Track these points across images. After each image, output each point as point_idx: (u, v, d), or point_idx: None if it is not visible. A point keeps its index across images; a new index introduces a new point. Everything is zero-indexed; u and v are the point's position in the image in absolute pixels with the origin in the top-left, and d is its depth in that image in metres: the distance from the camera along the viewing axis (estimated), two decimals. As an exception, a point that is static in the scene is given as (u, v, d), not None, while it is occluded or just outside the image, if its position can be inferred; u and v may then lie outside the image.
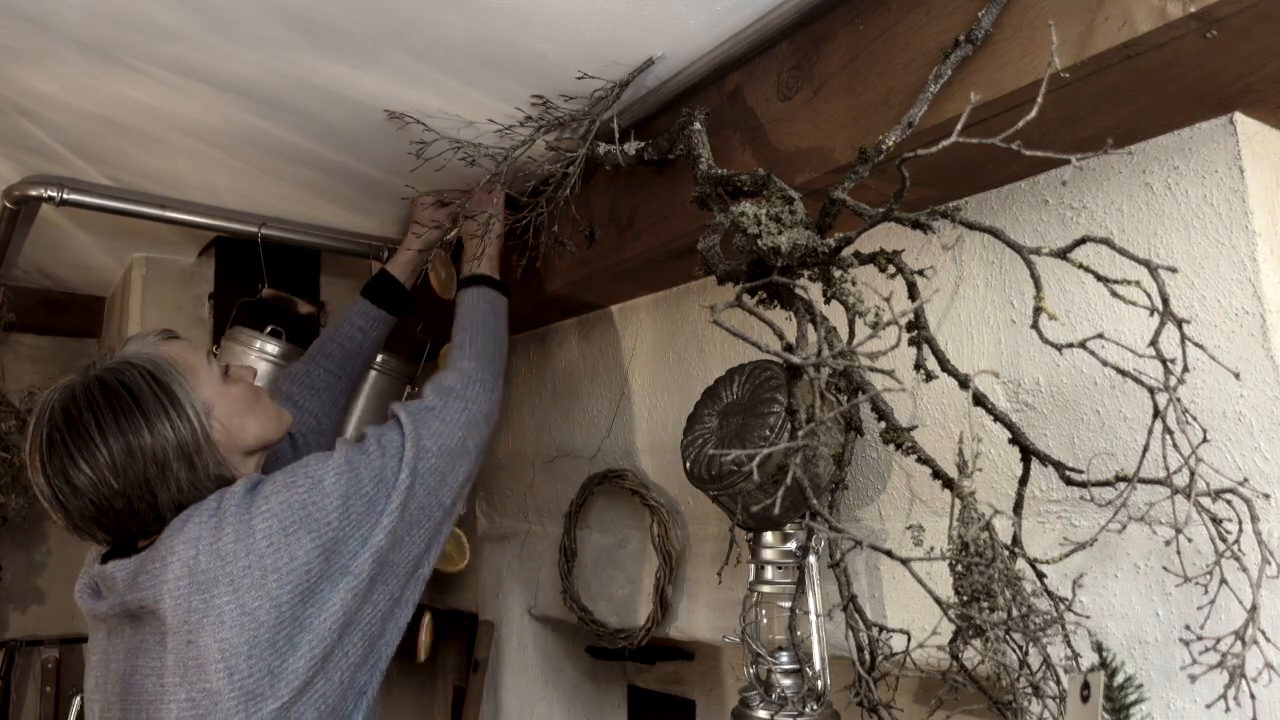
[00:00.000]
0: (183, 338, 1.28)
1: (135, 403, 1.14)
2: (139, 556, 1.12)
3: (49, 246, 2.23)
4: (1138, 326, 0.99)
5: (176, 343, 1.25)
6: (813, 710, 1.11)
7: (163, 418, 1.14)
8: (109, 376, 1.16)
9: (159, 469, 1.13)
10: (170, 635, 1.06)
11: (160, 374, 1.17)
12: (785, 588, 1.17)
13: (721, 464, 1.12)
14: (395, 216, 1.88)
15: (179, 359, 1.20)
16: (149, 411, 1.14)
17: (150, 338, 1.24)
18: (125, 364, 1.17)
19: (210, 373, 1.23)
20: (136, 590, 1.09)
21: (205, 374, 1.22)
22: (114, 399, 1.14)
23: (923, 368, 0.92)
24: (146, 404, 1.14)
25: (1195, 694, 0.91)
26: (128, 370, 1.16)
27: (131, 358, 1.19)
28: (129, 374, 1.16)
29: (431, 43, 1.20)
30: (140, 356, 1.19)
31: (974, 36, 0.94)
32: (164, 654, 1.06)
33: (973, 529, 0.85)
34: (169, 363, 1.19)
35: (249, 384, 1.30)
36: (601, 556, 1.78)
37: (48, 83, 1.34)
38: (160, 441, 1.14)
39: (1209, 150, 0.96)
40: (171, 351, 1.21)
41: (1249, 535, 0.81)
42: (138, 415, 1.14)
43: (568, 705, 2.05)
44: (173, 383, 1.17)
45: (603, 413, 1.78)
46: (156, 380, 1.16)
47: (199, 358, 1.24)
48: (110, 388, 1.14)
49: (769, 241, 0.99)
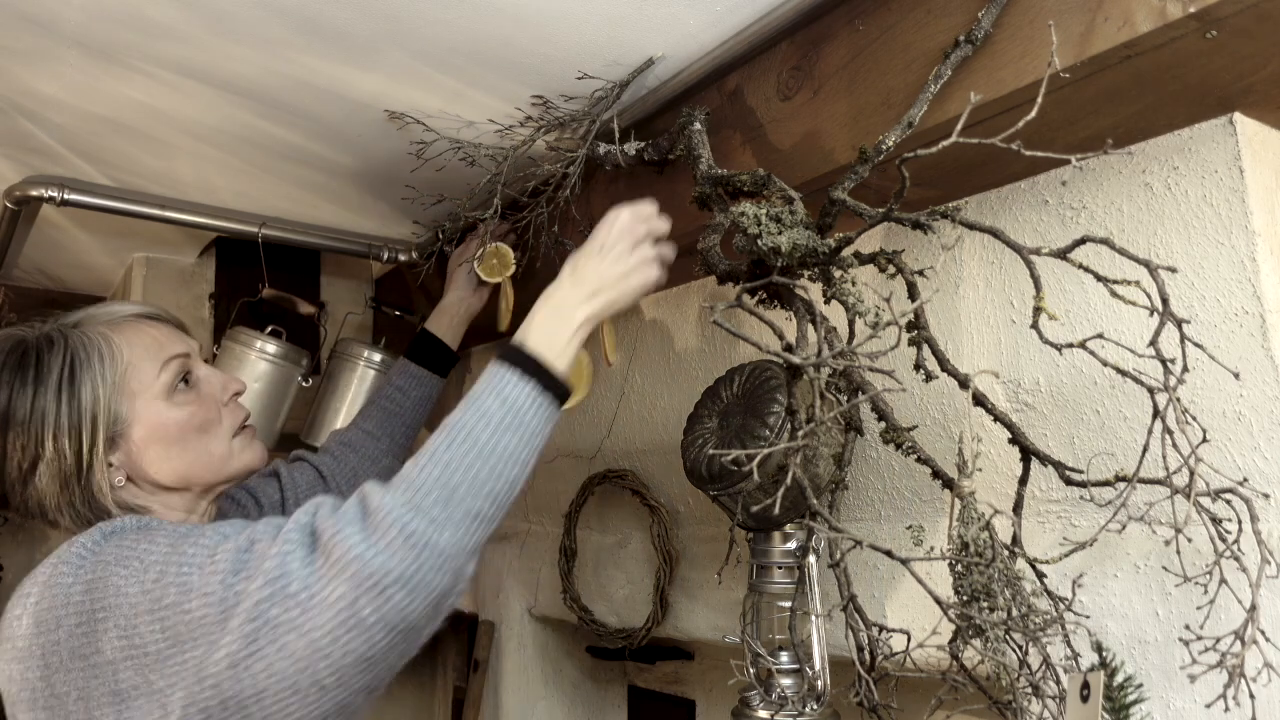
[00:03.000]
0: (165, 325, 1.10)
1: (35, 385, 0.99)
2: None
3: (49, 247, 2.23)
4: (1137, 326, 0.99)
5: (144, 330, 1.06)
6: (813, 710, 1.11)
7: (49, 417, 0.98)
8: (33, 343, 1.01)
9: (23, 469, 0.98)
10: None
11: (79, 365, 1.00)
12: (785, 588, 1.17)
13: (721, 464, 1.12)
14: (395, 216, 1.89)
15: (121, 353, 1.02)
16: (37, 403, 0.98)
17: (122, 310, 1.07)
18: (62, 336, 1.02)
19: (154, 382, 1.04)
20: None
21: (145, 383, 1.03)
22: (19, 372, 0.99)
23: (923, 368, 0.92)
24: (42, 392, 0.98)
25: (1195, 693, 0.91)
26: (58, 344, 1.01)
27: (76, 331, 1.03)
28: (53, 351, 1.00)
29: (431, 43, 1.20)
30: (81, 334, 1.02)
31: (974, 36, 0.94)
32: None
33: (972, 529, 0.85)
34: (104, 355, 1.01)
35: (208, 406, 1.09)
36: (601, 556, 1.78)
37: (48, 83, 1.34)
38: (35, 436, 0.97)
39: (1209, 150, 0.97)
40: (120, 341, 1.03)
41: (1248, 535, 0.81)
42: (28, 394, 0.98)
43: (568, 705, 2.05)
44: (86, 381, 1.00)
45: (603, 413, 1.78)
46: (72, 370, 0.99)
47: (151, 359, 1.05)
48: (25, 355, 1.00)
49: (769, 241, 1.00)
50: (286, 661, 0.79)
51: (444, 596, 0.84)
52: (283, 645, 0.79)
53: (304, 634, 0.79)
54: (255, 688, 0.80)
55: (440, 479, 0.86)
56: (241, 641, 0.80)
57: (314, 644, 0.80)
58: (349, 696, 0.83)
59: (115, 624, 0.85)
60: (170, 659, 0.82)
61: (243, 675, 0.80)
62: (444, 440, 0.89)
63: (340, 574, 0.80)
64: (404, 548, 0.81)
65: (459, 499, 0.85)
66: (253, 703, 0.80)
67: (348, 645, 0.80)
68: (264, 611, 0.80)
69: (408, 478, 0.86)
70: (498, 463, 0.88)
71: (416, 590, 0.82)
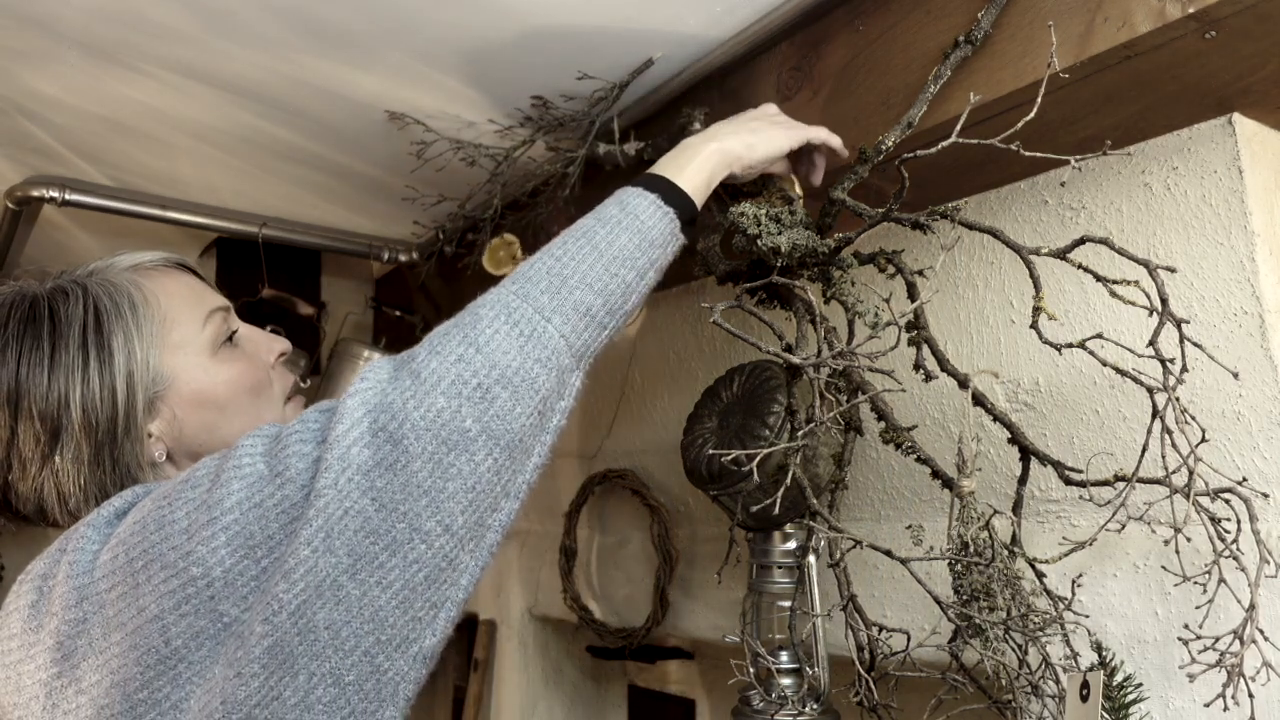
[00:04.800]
0: (195, 277, 0.95)
1: (51, 343, 0.83)
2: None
3: (51, 247, 2.23)
4: (1137, 326, 0.99)
5: (178, 278, 0.93)
6: (813, 710, 1.11)
7: (76, 375, 0.82)
8: (45, 296, 0.86)
9: (41, 444, 0.82)
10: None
11: (108, 314, 0.85)
12: (785, 588, 1.17)
13: (721, 464, 1.12)
14: (395, 216, 1.89)
15: (156, 302, 0.88)
16: (59, 360, 0.83)
17: (150, 258, 0.93)
18: (79, 287, 0.87)
19: (198, 335, 0.90)
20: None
21: (188, 336, 0.89)
22: (29, 329, 0.84)
23: (922, 368, 0.92)
24: (63, 349, 0.83)
25: (1194, 693, 0.91)
26: (74, 296, 0.86)
27: (96, 280, 0.88)
28: (70, 302, 0.85)
29: (431, 43, 1.20)
30: (104, 282, 0.88)
31: (974, 37, 0.94)
32: None
33: (972, 528, 0.85)
34: (136, 303, 0.87)
35: (258, 367, 0.95)
36: (601, 556, 1.78)
37: (49, 83, 1.34)
38: (57, 404, 0.82)
39: (1208, 151, 0.97)
40: (153, 289, 0.89)
41: (1247, 535, 0.82)
42: (44, 360, 0.83)
43: (568, 705, 2.05)
44: (117, 332, 0.85)
45: (603, 413, 1.78)
46: (97, 321, 0.84)
47: (192, 310, 0.91)
48: (35, 314, 0.85)
49: (769, 242, 1.00)
50: (382, 512, 0.67)
51: (547, 400, 0.74)
52: (378, 491, 0.67)
53: (400, 470, 0.68)
54: (351, 556, 0.67)
55: (550, 269, 0.77)
56: (333, 502, 0.67)
57: (412, 478, 0.68)
58: (452, 549, 0.69)
59: (162, 564, 0.69)
60: (244, 574, 0.68)
61: (337, 545, 0.66)
62: (559, 240, 0.81)
63: (437, 385, 0.69)
64: (508, 336, 0.72)
65: (569, 289, 0.77)
66: (347, 578, 0.66)
67: (449, 469, 0.68)
68: (353, 458, 0.67)
69: (516, 274, 0.78)
70: (611, 262, 0.80)
71: (521, 388, 0.71)
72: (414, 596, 0.69)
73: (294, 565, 0.66)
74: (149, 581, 0.69)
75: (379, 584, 0.67)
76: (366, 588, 0.67)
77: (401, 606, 0.68)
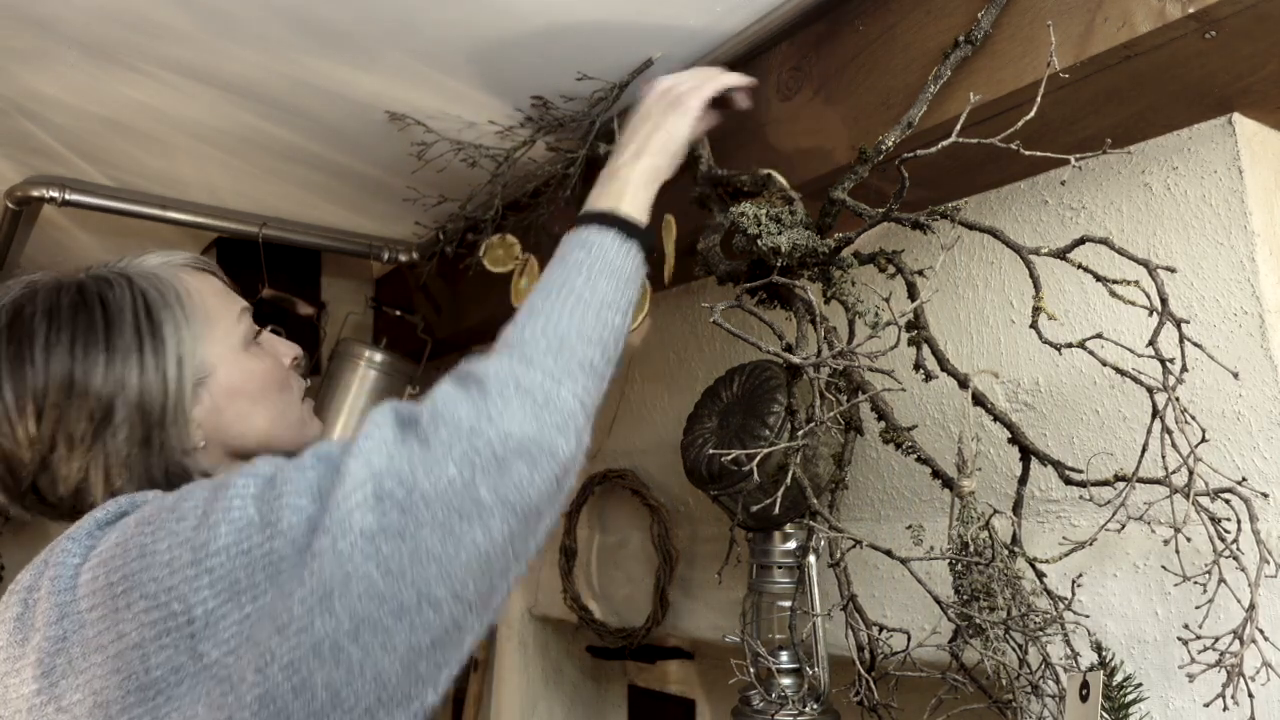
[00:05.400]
0: (220, 278, 0.99)
1: (106, 327, 0.85)
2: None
3: (51, 247, 2.23)
4: (1137, 326, 0.99)
5: (207, 278, 0.96)
6: (813, 709, 1.12)
7: (132, 359, 0.85)
8: (92, 285, 0.88)
9: (95, 425, 0.83)
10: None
11: (156, 303, 0.88)
12: (785, 587, 1.17)
13: (721, 464, 1.12)
14: (395, 216, 1.89)
15: (197, 297, 0.92)
16: (116, 344, 0.85)
17: (179, 257, 0.96)
18: (122, 277, 0.89)
19: (232, 330, 0.94)
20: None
21: (224, 329, 0.93)
22: (81, 314, 0.86)
23: (922, 368, 0.92)
24: (118, 333, 0.85)
25: (1194, 693, 0.91)
26: (120, 285, 0.88)
27: (135, 272, 0.91)
28: (118, 290, 0.88)
29: (432, 43, 1.20)
30: (146, 274, 0.91)
31: (974, 37, 0.94)
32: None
33: (972, 528, 0.85)
34: (180, 295, 0.90)
35: (281, 366, 0.99)
36: (601, 556, 1.78)
37: (49, 83, 1.34)
38: (112, 387, 0.84)
39: (1208, 151, 0.97)
40: (193, 285, 0.93)
41: (1247, 535, 0.82)
42: (100, 343, 0.85)
43: (568, 705, 2.05)
44: (167, 320, 0.88)
45: (603, 413, 1.78)
46: (148, 308, 0.87)
47: (226, 307, 0.95)
48: (85, 299, 0.87)
49: (769, 242, 1.00)
50: (389, 578, 0.65)
51: (566, 467, 0.73)
52: (384, 558, 0.65)
53: (408, 538, 0.66)
54: (354, 620, 0.65)
55: (546, 330, 0.77)
56: (332, 565, 0.65)
57: (421, 545, 0.66)
58: (461, 614, 0.68)
59: (142, 594, 0.69)
60: (226, 617, 0.67)
61: (337, 608, 0.65)
62: (539, 298, 0.80)
63: (448, 454, 0.68)
64: (522, 407, 0.71)
65: (570, 348, 0.77)
66: (349, 641, 0.65)
67: (462, 538, 0.67)
68: (355, 522, 0.66)
69: (509, 341, 0.76)
70: (600, 309, 0.81)
71: (539, 458, 0.70)
72: (419, 659, 0.67)
73: (287, 621, 0.65)
74: (129, 609, 0.69)
75: (383, 647, 0.66)
76: (369, 650, 0.66)
77: (406, 668, 0.67)
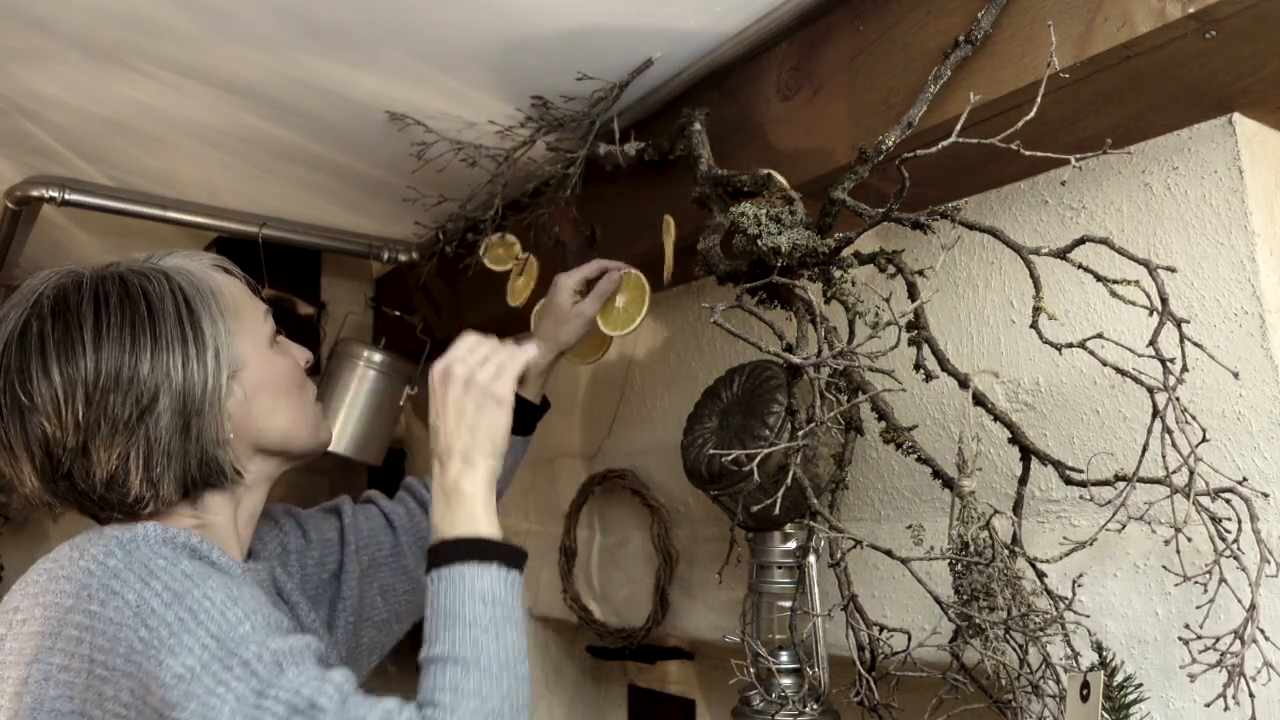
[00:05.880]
0: (243, 280, 1.02)
1: (150, 319, 0.88)
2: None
3: (50, 247, 2.23)
4: (1137, 326, 0.99)
5: (233, 279, 1.00)
6: (813, 710, 1.12)
7: (176, 350, 0.88)
8: (134, 279, 0.91)
9: (140, 411, 0.86)
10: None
11: (195, 299, 0.92)
12: (785, 588, 1.17)
13: (721, 464, 1.12)
14: (395, 216, 1.89)
15: (229, 295, 0.96)
16: (161, 335, 0.88)
17: (203, 258, 0.98)
18: (159, 273, 0.92)
19: (259, 328, 0.98)
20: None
21: (253, 326, 0.97)
22: (127, 305, 0.89)
23: (922, 368, 0.92)
24: (163, 326, 0.89)
25: (1194, 693, 0.91)
26: (158, 279, 0.91)
27: (171, 269, 0.94)
28: (157, 284, 0.91)
29: (432, 43, 1.20)
30: (182, 272, 0.94)
31: (974, 37, 0.94)
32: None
33: (972, 528, 0.85)
34: (214, 291, 0.94)
35: (299, 367, 1.03)
36: (601, 556, 1.78)
37: (49, 83, 1.34)
38: (159, 377, 0.87)
39: (1208, 151, 0.97)
40: (224, 284, 0.97)
41: (1248, 534, 0.82)
42: (146, 334, 0.88)
43: (568, 705, 2.05)
44: (204, 315, 0.91)
45: (603, 413, 1.78)
46: (188, 304, 0.91)
47: (254, 305, 0.99)
48: (130, 292, 0.90)
49: (769, 242, 1.00)
50: None
51: None
52: None
53: None
54: None
55: (483, 709, 0.80)
56: None
57: None
58: None
59: (103, 680, 0.76)
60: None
61: None
62: (459, 672, 0.83)
63: None
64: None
65: (516, 676, 0.82)
66: None
67: None
68: None
69: (444, 707, 0.82)
70: (516, 662, 0.83)
71: None
72: None
73: None
74: (103, 683, 0.76)
75: None
76: None
77: None
